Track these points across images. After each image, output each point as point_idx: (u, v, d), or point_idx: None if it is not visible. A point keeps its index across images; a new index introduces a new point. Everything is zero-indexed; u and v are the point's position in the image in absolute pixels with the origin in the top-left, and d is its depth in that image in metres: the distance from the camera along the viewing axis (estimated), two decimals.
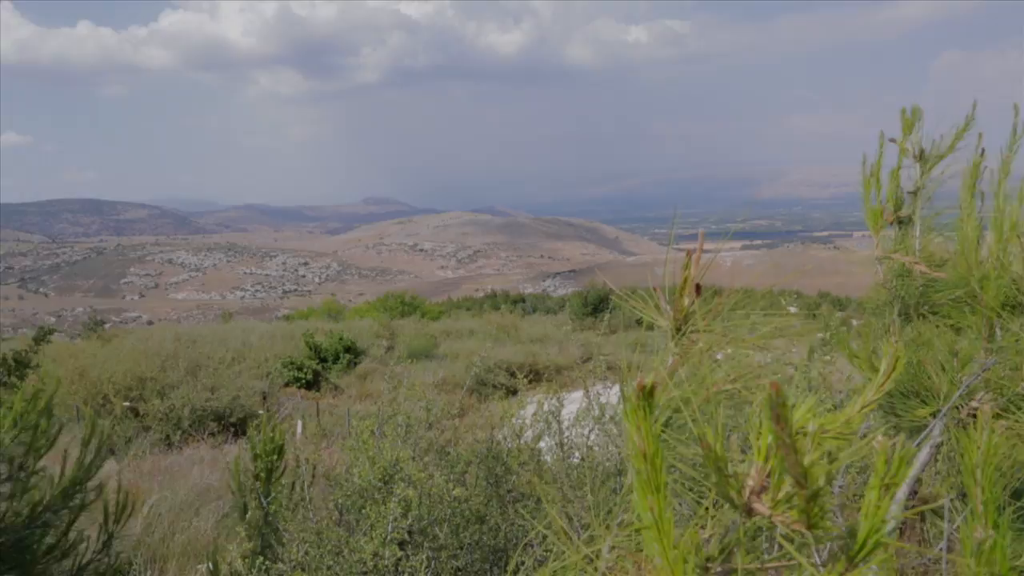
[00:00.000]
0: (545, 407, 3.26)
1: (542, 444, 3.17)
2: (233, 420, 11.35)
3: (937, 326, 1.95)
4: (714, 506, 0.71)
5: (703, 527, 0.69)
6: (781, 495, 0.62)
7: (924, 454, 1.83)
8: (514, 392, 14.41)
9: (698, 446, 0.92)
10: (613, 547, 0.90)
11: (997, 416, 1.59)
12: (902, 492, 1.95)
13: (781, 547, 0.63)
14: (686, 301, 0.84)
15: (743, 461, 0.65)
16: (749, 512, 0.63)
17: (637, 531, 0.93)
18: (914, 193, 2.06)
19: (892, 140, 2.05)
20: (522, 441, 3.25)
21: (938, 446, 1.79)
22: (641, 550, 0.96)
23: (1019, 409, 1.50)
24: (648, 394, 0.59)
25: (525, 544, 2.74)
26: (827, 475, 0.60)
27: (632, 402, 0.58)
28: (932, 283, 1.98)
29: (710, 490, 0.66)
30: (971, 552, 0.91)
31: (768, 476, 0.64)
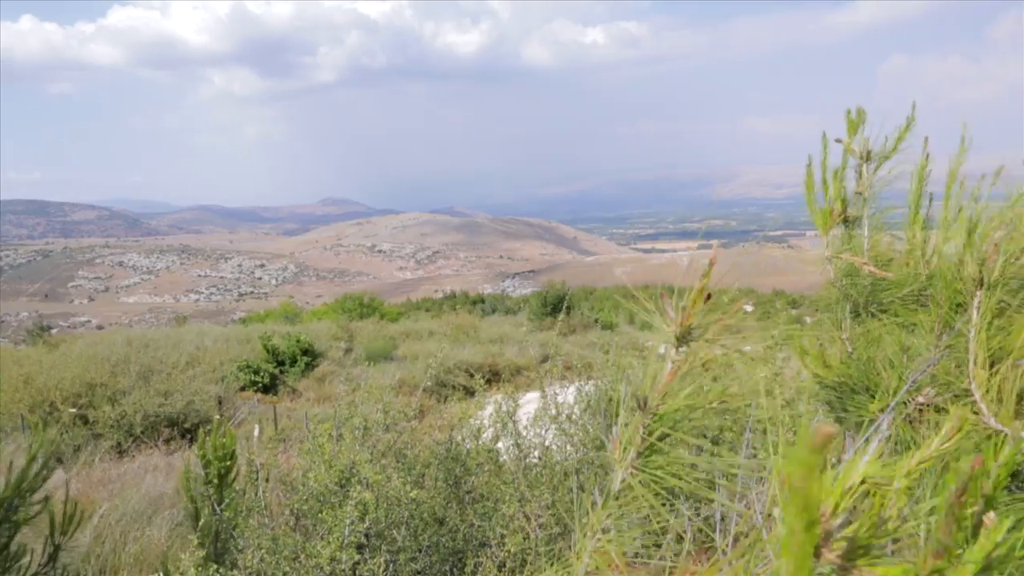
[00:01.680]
0: (503, 408, 3.26)
1: (500, 445, 3.17)
2: (187, 426, 11.11)
3: (886, 324, 1.99)
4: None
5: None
6: (860, 551, 0.61)
7: (873, 448, 1.86)
8: (472, 393, 14.39)
9: (693, 456, 0.92)
10: (595, 551, 0.90)
11: (940, 410, 1.64)
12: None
13: None
14: (697, 307, 0.84)
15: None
16: (817, 556, 0.62)
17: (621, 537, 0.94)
18: (861, 193, 2.11)
19: (838, 141, 2.10)
20: (480, 442, 3.25)
21: (886, 440, 1.83)
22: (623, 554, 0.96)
23: (964, 404, 1.54)
24: (828, 442, 0.56)
25: (482, 544, 2.73)
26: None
27: (804, 453, 0.56)
28: (880, 282, 2.03)
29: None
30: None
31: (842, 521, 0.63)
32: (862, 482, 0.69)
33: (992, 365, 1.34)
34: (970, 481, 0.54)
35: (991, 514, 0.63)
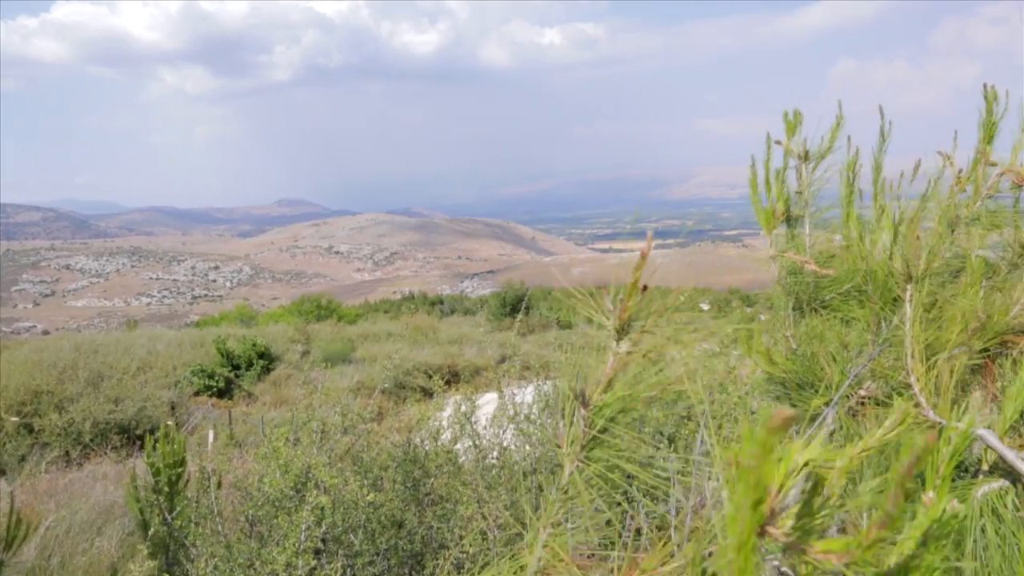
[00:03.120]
0: (462, 409, 3.26)
1: (459, 446, 3.17)
2: (139, 432, 10.84)
3: (828, 320, 2.05)
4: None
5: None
6: (798, 524, 0.63)
7: (818, 435, 1.91)
8: (431, 394, 14.34)
9: (636, 447, 0.94)
10: (546, 545, 0.91)
11: (880, 403, 1.69)
12: (802, 480, 2.05)
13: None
14: (632, 302, 0.85)
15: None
16: (762, 534, 0.64)
17: (574, 532, 0.95)
18: (801, 192, 2.17)
19: (777, 142, 2.15)
20: (439, 443, 3.24)
21: (831, 433, 1.89)
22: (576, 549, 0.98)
23: (902, 396, 1.60)
24: (787, 424, 0.57)
25: (441, 546, 2.73)
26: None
27: (761, 433, 0.57)
28: (822, 279, 2.08)
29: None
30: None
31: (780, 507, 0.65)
32: (806, 464, 0.71)
33: (929, 358, 1.39)
34: (920, 457, 0.56)
35: (930, 493, 0.66)
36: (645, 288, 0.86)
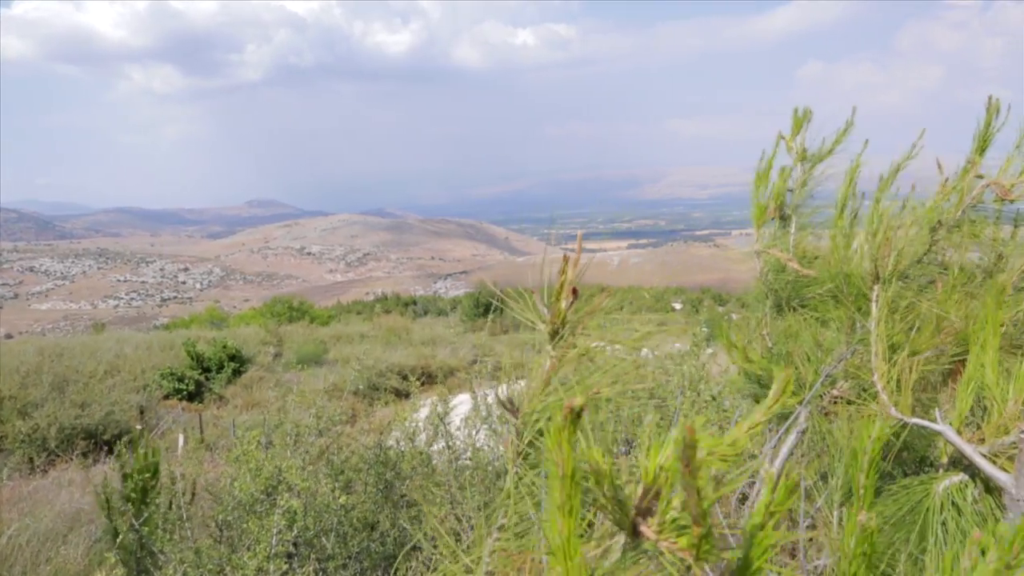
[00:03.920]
0: (439, 409, 3.24)
1: (433, 447, 3.15)
2: (107, 437, 10.64)
3: (805, 319, 2.07)
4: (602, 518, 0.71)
5: (595, 545, 0.69)
6: (667, 519, 0.62)
7: (791, 439, 1.94)
8: (406, 395, 14.28)
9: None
10: (493, 551, 0.89)
11: (851, 403, 1.71)
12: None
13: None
14: (563, 304, 0.84)
15: (629, 481, 0.65)
16: (636, 534, 0.64)
17: (517, 536, 0.93)
18: (793, 191, 2.18)
19: (783, 137, 2.16)
20: (413, 445, 3.22)
21: (803, 432, 1.90)
22: (524, 551, 0.96)
23: (873, 398, 1.62)
24: (576, 416, 0.58)
25: (413, 547, 2.71)
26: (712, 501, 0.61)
27: (558, 422, 0.57)
28: (803, 278, 2.10)
29: (595, 507, 0.66)
30: (852, 533, 0.96)
31: (655, 498, 0.64)
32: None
33: (891, 358, 1.41)
34: (862, 449, 0.57)
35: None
36: (575, 291, 0.85)
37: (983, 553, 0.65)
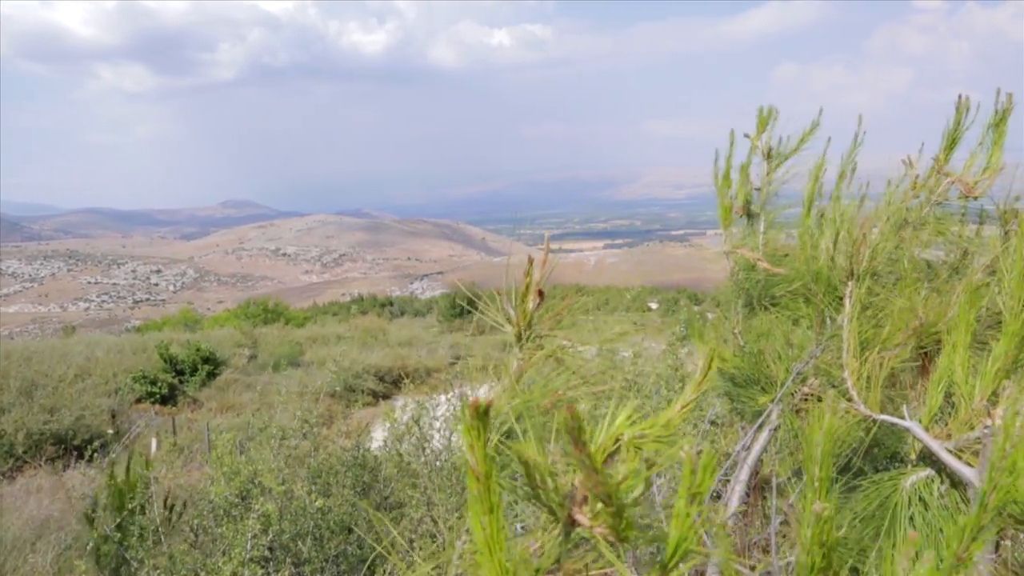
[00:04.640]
0: (412, 414, 3.23)
1: (406, 446, 3.14)
2: (77, 443, 10.46)
3: (776, 317, 2.09)
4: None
5: (536, 539, 0.69)
6: (599, 507, 0.63)
7: (764, 437, 1.96)
8: (385, 396, 14.21)
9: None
10: (462, 555, 0.89)
11: (820, 399, 1.73)
12: (745, 473, 2.09)
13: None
14: (529, 305, 0.84)
15: (566, 471, 0.66)
16: (572, 523, 0.65)
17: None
18: (760, 189, 2.20)
19: (747, 136, 2.18)
20: (395, 449, 3.20)
21: (775, 429, 1.93)
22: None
23: (843, 395, 1.64)
24: (483, 413, 0.58)
25: (391, 547, 2.69)
26: (646, 481, 0.62)
27: (467, 421, 0.58)
28: (773, 277, 2.12)
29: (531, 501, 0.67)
30: (807, 523, 0.97)
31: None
32: (615, 441, 0.72)
33: (862, 354, 1.43)
34: (826, 443, 0.57)
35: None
36: (542, 293, 0.85)
37: (916, 556, 0.67)
